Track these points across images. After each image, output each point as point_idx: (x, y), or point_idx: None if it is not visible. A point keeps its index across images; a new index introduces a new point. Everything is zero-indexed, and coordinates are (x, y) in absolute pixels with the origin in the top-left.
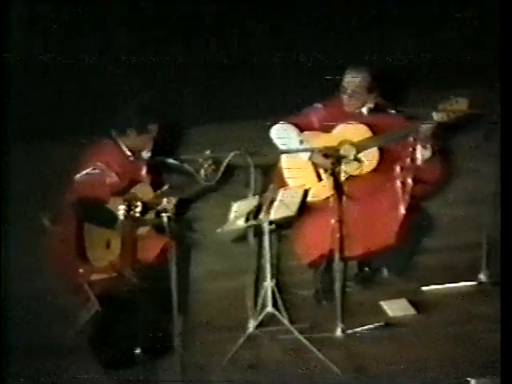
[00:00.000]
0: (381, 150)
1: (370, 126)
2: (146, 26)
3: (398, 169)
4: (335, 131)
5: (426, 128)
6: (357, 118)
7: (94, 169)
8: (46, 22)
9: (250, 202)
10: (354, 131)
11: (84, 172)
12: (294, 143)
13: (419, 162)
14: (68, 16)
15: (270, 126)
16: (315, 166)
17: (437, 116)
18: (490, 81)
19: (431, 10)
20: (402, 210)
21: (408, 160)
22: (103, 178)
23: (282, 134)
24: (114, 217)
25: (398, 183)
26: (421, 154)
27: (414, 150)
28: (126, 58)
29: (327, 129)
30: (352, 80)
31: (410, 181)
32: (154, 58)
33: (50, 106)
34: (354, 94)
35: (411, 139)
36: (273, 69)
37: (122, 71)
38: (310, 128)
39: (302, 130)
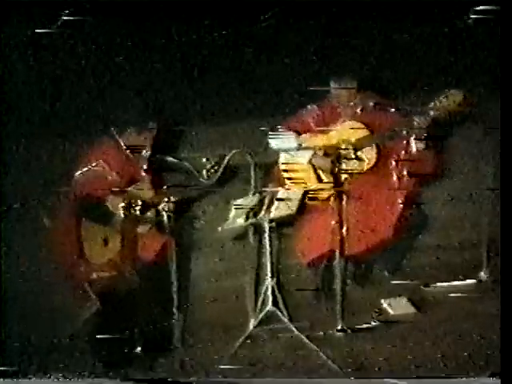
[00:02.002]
0: (378, 148)
1: (367, 124)
2: (146, 26)
3: (394, 163)
4: (332, 131)
5: (421, 121)
6: (353, 116)
7: (93, 166)
8: (47, 20)
9: (251, 201)
10: (351, 130)
11: (83, 170)
12: (293, 148)
13: (414, 154)
14: (69, 14)
15: (270, 125)
16: (315, 168)
17: (433, 110)
18: (490, 80)
19: (431, 10)
20: (400, 204)
21: (403, 153)
22: (102, 176)
23: (280, 141)
24: (112, 215)
25: (395, 177)
26: (415, 146)
27: (408, 142)
28: (126, 56)
29: (324, 129)
30: (339, 91)
31: (406, 174)
32: (154, 58)
33: (49, 106)
34: (342, 102)
35: (404, 133)
36: (273, 68)
37: (121, 70)
38: (307, 130)
39: (299, 133)
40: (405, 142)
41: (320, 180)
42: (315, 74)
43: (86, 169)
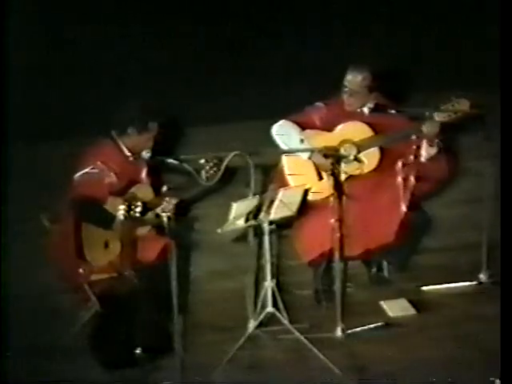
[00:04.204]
0: (381, 150)
1: (372, 126)
2: (146, 26)
3: (399, 167)
4: (336, 130)
5: (431, 126)
6: (358, 117)
7: (93, 168)
8: (45, 22)
9: (250, 202)
10: (355, 130)
11: (82, 172)
12: (295, 142)
13: (424, 159)
14: (68, 16)
15: (271, 124)
16: (316, 164)
17: (438, 116)
18: (490, 81)
19: (432, 11)
20: (403, 209)
21: (411, 157)
22: (102, 178)
23: (283, 132)
24: (112, 217)
25: (399, 181)
26: (426, 151)
27: (419, 147)
28: (126, 57)
29: (328, 127)
30: (353, 79)
31: (412, 178)
32: (155, 58)
33: (50, 106)
34: (354, 93)
35: (414, 137)
36: (273, 69)
37: (122, 71)
38: (312, 126)
39: (303, 128)
40: (414, 146)
41: (320, 177)
42: (319, 74)
43: (85, 171)
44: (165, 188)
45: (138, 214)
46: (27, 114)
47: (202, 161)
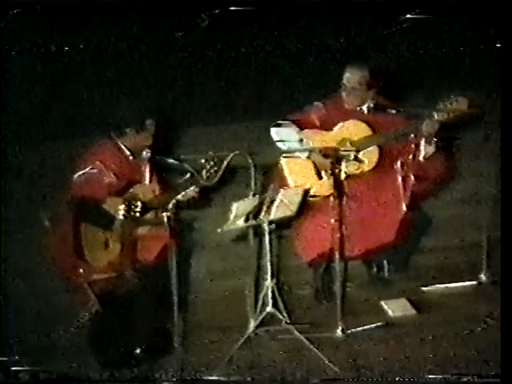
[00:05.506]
0: (380, 149)
1: (371, 125)
2: (146, 26)
3: (398, 166)
4: (335, 129)
5: (430, 125)
6: (357, 116)
7: (92, 169)
8: (45, 21)
9: (251, 202)
10: (354, 129)
11: (81, 172)
12: (294, 142)
13: (422, 158)
14: (68, 15)
15: (270, 125)
16: (315, 164)
17: (437, 115)
18: (490, 81)
19: (432, 11)
20: (403, 208)
21: (410, 157)
22: (101, 178)
23: (282, 133)
24: (111, 218)
25: (399, 180)
26: (424, 150)
27: (417, 146)
28: (126, 57)
29: (327, 127)
30: (352, 76)
31: (411, 177)
32: (154, 58)
33: (49, 106)
34: (353, 90)
35: (413, 136)
36: (273, 69)
37: (121, 71)
38: (310, 126)
39: (302, 128)
40: (412, 145)
41: (320, 177)
42: (318, 73)
43: (83, 171)
44: (186, 177)
45: (138, 214)
46: (27, 114)
47: (202, 161)
